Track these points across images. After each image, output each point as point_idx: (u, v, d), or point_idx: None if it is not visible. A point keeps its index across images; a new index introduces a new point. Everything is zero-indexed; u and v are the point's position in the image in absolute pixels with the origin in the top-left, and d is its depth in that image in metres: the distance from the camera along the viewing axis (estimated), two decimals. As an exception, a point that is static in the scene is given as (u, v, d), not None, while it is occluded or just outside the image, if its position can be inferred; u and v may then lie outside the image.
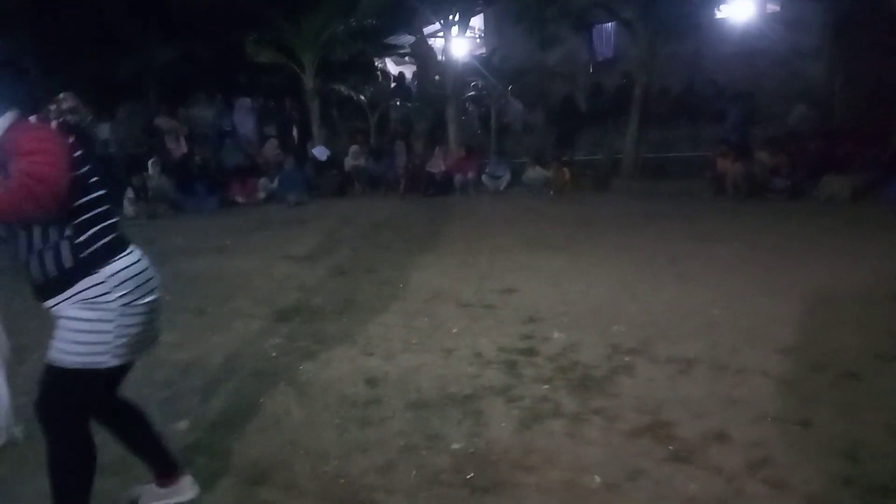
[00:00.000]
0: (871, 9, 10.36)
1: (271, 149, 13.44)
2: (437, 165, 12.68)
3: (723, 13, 12.74)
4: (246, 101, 14.13)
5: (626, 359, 3.83)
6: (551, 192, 11.51)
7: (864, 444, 2.79)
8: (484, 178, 12.44)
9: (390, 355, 4.03)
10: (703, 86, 13.55)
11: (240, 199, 11.91)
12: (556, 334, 4.28)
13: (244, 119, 13.98)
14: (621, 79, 14.07)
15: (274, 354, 4.14)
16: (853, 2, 10.82)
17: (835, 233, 7.28)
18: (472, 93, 15.10)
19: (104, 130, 12.16)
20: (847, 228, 7.51)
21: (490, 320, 4.67)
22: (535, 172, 12.04)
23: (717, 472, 2.63)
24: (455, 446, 2.93)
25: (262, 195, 12.17)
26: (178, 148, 12.75)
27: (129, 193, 10.59)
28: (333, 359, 4.02)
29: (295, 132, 14.94)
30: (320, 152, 13.47)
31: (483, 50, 17.83)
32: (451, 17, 13.58)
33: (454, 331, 4.45)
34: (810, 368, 3.61)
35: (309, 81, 13.77)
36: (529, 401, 3.34)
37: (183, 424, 3.21)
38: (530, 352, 4.00)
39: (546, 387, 3.50)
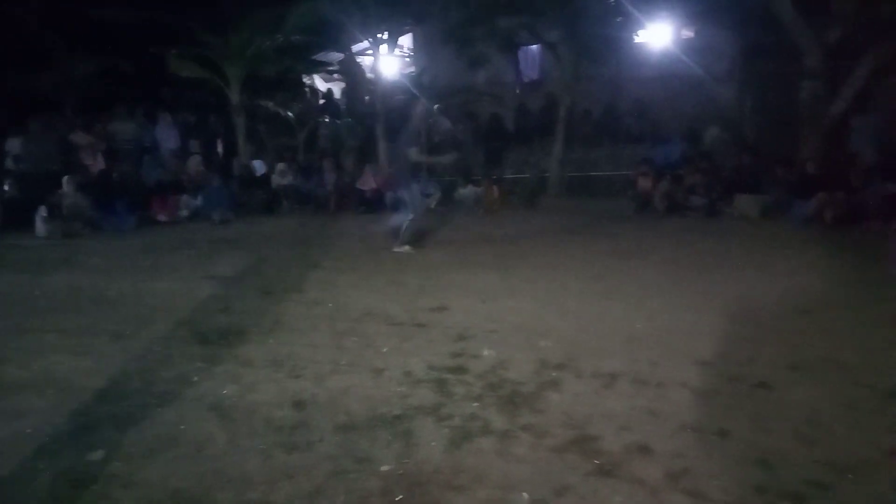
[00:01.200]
0: (774, 40, 11.03)
1: (195, 165, 13.05)
2: (367, 183, 12.63)
3: (641, 38, 13.30)
4: (168, 117, 13.70)
5: (554, 374, 3.90)
6: (481, 211, 11.65)
7: (776, 452, 2.92)
8: (415, 195, 12.45)
9: (318, 377, 3.96)
10: (631, 106, 14.02)
11: (161, 217, 11.49)
12: (485, 351, 4.32)
13: (167, 134, 13.53)
14: (546, 100, 14.45)
15: (196, 379, 3.99)
16: (759, 32, 11.49)
17: (747, 249, 7.68)
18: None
19: (15, 146, 11.54)
20: (758, 245, 7.93)
21: (420, 339, 4.66)
22: (466, 190, 12.17)
23: (640, 485, 2.70)
24: (384, 468, 2.89)
25: (184, 213, 11.78)
26: (96, 164, 12.21)
27: (43, 212, 10.06)
28: (259, 382, 3.91)
29: (220, 148, 14.58)
30: (259, 166, 13.27)
31: (412, 69, 17.96)
32: (379, 35, 13.63)
33: (384, 350, 4.42)
34: (727, 379, 3.77)
35: (234, 97, 13.50)
36: (459, 419, 3.35)
37: (98, 454, 3.05)
38: (460, 370, 4.02)
39: (476, 404, 3.52)
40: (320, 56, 16.03)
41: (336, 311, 5.44)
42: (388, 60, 14.11)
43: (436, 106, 14.48)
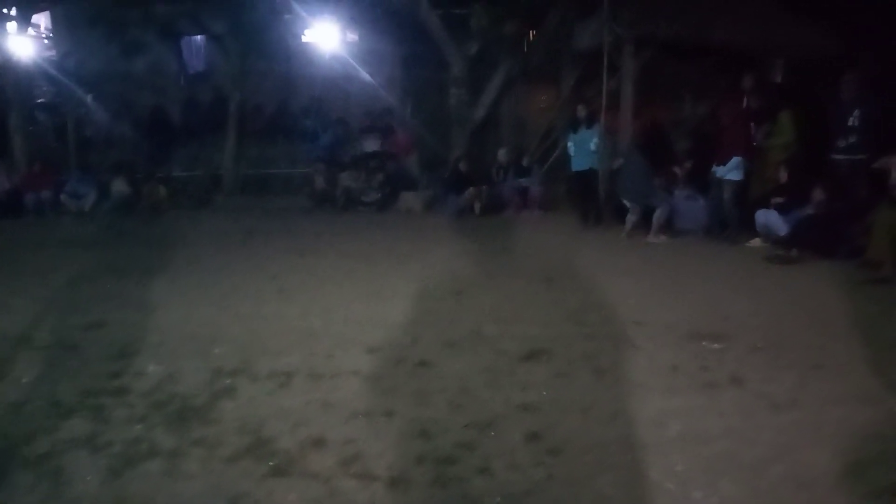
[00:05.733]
0: (427, 49, 12.17)
1: None
2: (0, 182, 10.69)
3: (308, 38, 13.51)
4: None
5: (228, 381, 3.79)
6: (146, 211, 10.72)
7: (434, 422, 3.27)
8: (63, 197, 10.93)
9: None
10: (308, 104, 14.10)
11: None
12: (151, 367, 4.01)
13: None
14: (215, 93, 13.84)
15: None
16: (413, 42, 12.55)
17: (412, 240, 8.39)
18: (43, 100, 13.15)
19: None
20: (421, 236, 8.73)
21: (72, 362, 4.13)
22: (121, 187, 11.05)
23: (314, 477, 2.78)
24: (26, 518, 2.52)
25: None
26: None
27: None
28: None
29: None
30: None
31: (54, 52, 15.63)
32: (5, 10, 11.57)
33: (24, 381, 3.82)
34: (394, 363, 4.09)
35: None
36: (120, 445, 3.06)
37: None
38: (121, 391, 3.67)
39: (140, 426, 3.25)
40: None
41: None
42: (21, 41, 12.04)
43: (86, 95, 12.91)
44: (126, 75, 13.59)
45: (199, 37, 14.63)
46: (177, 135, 13.33)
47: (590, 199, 9.25)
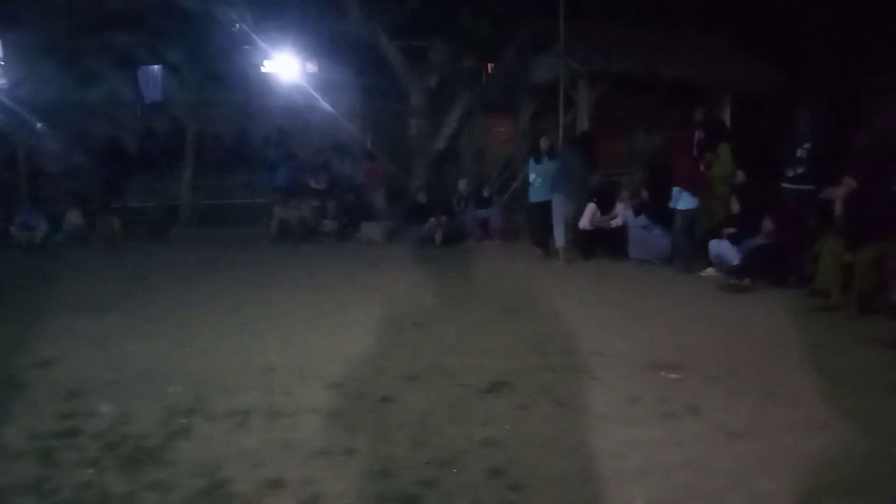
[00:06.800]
0: (388, 81, 12.29)
1: None
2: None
3: (268, 68, 13.53)
4: None
5: (184, 421, 3.69)
6: (100, 243, 10.47)
7: (395, 460, 3.23)
8: (13, 228, 10.60)
9: None
10: (270, 135, 14.01)
11: None
12: (103, 407, 3.88)
13: None
14: (172, 123, 13.69)
15: None
16: (374, 74, 12.65)
17: (373, 270, 8.37)
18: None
19: None
20: (382, 266, 8.70)
21: (19, 402, 3.97)
22: (74, 218, 10.78)
23: (272, 520, 2.72)
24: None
25: None
26: None
27: None
28: None
29: None
30: None
31: (5, 80, 15.27)
32: (-46, 38, 11.31)
33: (-34, 424, 3.66)
34: (354, 398, 4.04)
35: None
36: (69, 491, 2.95)
37: None
38: (72, 433, 3.54)
39: (91, 470, 3.14)
40: None
41: None
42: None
43: (38, 125, 12.62)
44: (81, 104, 13.35)
45: (156, 66, 14.51)
46: (132, 165, 13.11)
47: (545, 229, 9.40)
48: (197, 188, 12.44)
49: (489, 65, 12.62)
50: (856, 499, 2.85)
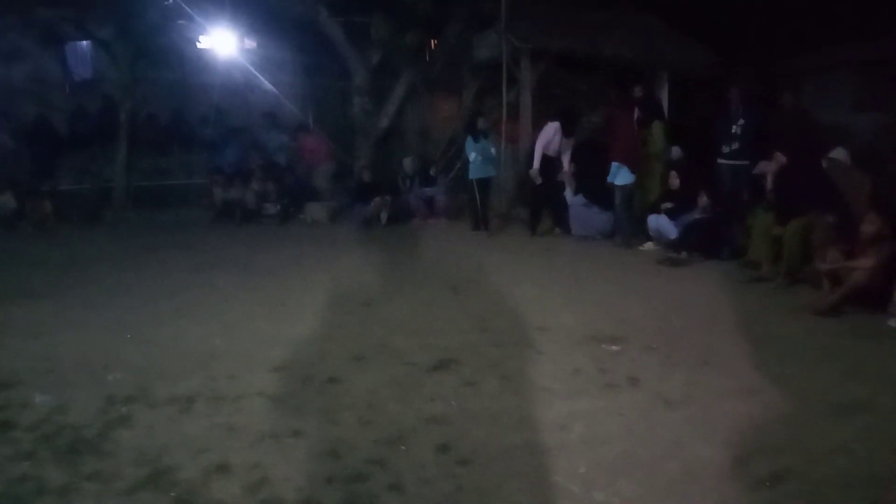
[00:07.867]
0: (329, 58, 12.07)
1: None
2: None
3: (204, 44, 13.06)
4: None
5: (124, 409, 3.60)
6: (29, 228, 10.04)
7: (343, 440, 3.24)
8: (-68, 215, 10.04)
9: None
10: (207, 113, 13.55)
11: None
12: (38, 398, 3.74)
13: None
14: (104, 102, 13.10)
15: None
16: (315, 50, 12.39)
17: (318, 251, 8.29)
18: None
19: None
20: (327, 247, 8.64)
21: (-55, 397, 3.80)
22: (5, 203, 10.29)
23: (218, 506, 2.70)
24: None
25: None
26: None
27: None
28: None
29: None
30: None
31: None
32: None
33: None
34: (300, 381, 4.01)
35: None
36: (4, 485, 2.85)
37: None
38: (5, 425, 3.41)
39: (26, 463, 3.04)
40: None
41: None
42: None
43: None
44: (5, 83, 12.68)
45: (84, 42, 13.83)
46: (63, 146, 12.51)
47: (484, 206, 9.49)
48: (131, 169, 11.96)
49: (432, 42, 12.51)
50: (784, 459, 3.01)
